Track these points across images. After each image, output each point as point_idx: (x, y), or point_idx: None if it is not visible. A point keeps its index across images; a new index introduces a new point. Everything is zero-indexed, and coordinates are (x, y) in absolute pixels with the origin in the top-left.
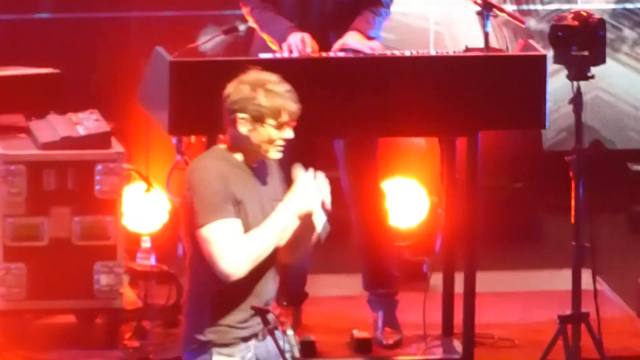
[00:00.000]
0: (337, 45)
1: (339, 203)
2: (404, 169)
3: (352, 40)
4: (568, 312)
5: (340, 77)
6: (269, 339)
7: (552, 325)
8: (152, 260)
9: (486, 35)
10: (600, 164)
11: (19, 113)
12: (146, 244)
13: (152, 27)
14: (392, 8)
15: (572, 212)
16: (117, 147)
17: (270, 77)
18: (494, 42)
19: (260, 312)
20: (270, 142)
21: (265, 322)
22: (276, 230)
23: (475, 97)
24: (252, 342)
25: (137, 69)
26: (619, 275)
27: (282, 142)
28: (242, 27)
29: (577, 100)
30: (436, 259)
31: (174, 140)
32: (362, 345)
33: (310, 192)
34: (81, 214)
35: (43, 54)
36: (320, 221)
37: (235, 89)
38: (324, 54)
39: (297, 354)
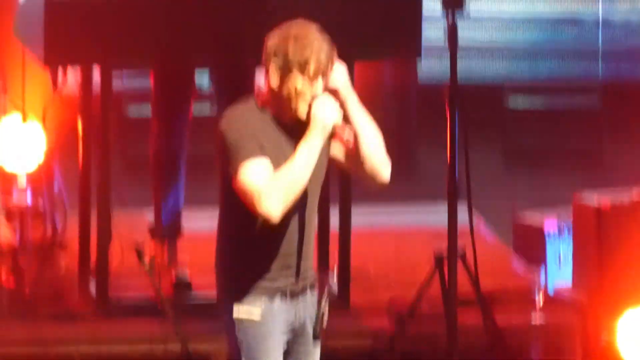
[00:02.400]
0: None
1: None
2: None
3: None
4: (444, 248)
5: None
6: (302, 301)
7: (429, 261)
8: (28, 199)
9: None
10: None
11: None
12: (22, 181)
13: None
14: None
15: (448, 146)
16: None
17: (307, 29)
18: None
19: (137, 252)
20: (298, 94)
21: (141, 258)
22: (306, 161)
23: (350, 25)
24: (277, 298)
25: None
26: (495, 210)
27: (311, 97)
28: None
29: (452, 30)
30: None
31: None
32: None
33: (328, 110)
34: None
35: None
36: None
37: (271, 41)
38: None
39: (325, 323)
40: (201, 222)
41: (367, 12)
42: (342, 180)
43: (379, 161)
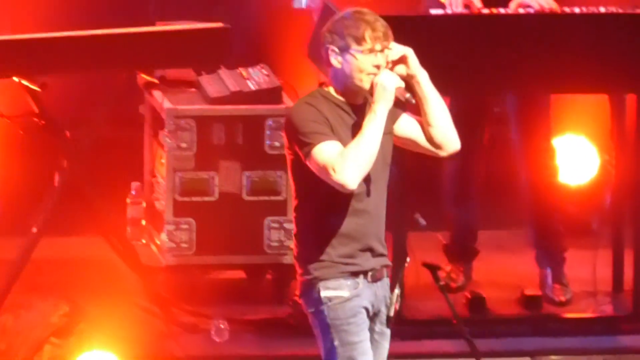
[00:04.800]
0: (514, 3)
1: (508, 159)
2: (574, 126)
3: None
4: None
5: (511, 33)
6: (378, 283)
7: None
8: None
9: None
10: None
11: (189, 67)
12: None
13: None
14: None
15: None
16: (287, 102)
17: (361, 9)
18: None
19: (431, 268)
20: (360, 70)
21: (436, 278)
22: (374, 129)
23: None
24: (361, 279)
25: (307, 23)
26: None
27: (374, 70)
28: None
29: None
30: (605, 216)
31: None
32: (533, 302)
33: (389, 77)
34: (251, 169)
35: (213, 8)
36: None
37: (327, 27)
38: (494, 10)
39: (392, 312)
40: (495, 243)
41: None
42: (636, 203)
43: (449, 128)
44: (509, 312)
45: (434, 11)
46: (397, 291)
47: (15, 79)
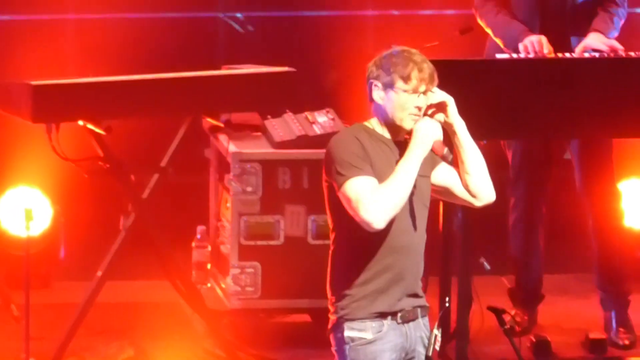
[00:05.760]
0: (580, 47)
1: (573, 203)
2: (639, 170)
3: (594, 41)
4: None
5: (575, 77)
6: (411, 324)
7: None
8: None
9: None
10: None
11: (254, 111)
12: None
13: (388, 25)
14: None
15: None
16: None
17: (408, 49)
18: None
19: (496, 312)
20: (402, 109)
21: (501, 321)
22: (407, 174)
23: None
24: (388, 321)
25: None
26: None
27: (415, 110)
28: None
29: None
30: None
31: None
32: (597, 346)
33: (429, 126)
34: (317, 212)
35: (279, 52)
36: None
37: (373, 61)
38: (559, 55)
39: (430, 352)
40: (560, 287)
41: None
42: None
43: (485, 179)
44: (573, 355)
45: (500, 55)
46: (435, 331)
47: (81, 122)
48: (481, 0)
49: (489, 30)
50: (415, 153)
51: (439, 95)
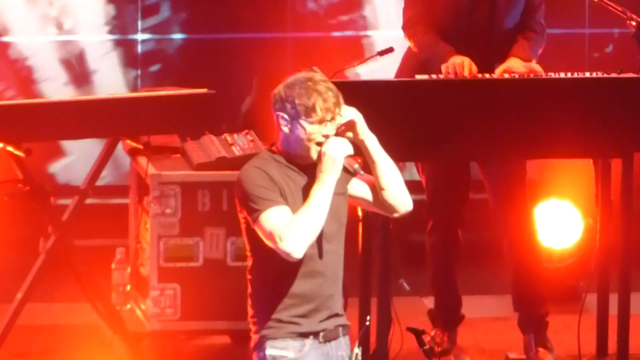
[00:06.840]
0: (500, 69)
1: (488, 224)
2: (558, 191)
3: (515, 64)
4: None
5: (494, 98)
6: (332, 343)
7: None
8: None
9: None
10: None
11: (174, 133)
12: None
13: (308, 47)
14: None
15: None
16: None
17: (313, 76)
18: None
19: (415, 332)
20: (309, 139)
21: (421, 342)
22: (321, 199)
23: (629, 118)
24: (309, 340)
25: None
26: None
27: (321, 139)
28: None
29: None
30: (591, 280)
31: None
32: None
33: (337, 145)
34: (236, 234)
35: (198, 75)
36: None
37: (277, 91)
38: (479, 75)
39: None
40: (480, 309)
41: None
42: (622, 268)
43: (400, 191)
44: None
45: (420, 77)
46: (356, 350)
47: (0, 145)
48: (410, 21)
49: (415, 50)
50: (327, 177)
51: (347, 114)
